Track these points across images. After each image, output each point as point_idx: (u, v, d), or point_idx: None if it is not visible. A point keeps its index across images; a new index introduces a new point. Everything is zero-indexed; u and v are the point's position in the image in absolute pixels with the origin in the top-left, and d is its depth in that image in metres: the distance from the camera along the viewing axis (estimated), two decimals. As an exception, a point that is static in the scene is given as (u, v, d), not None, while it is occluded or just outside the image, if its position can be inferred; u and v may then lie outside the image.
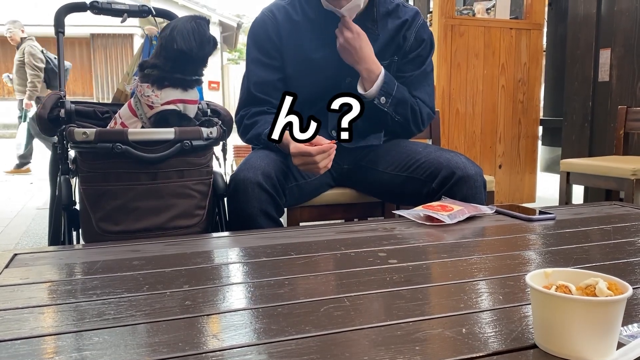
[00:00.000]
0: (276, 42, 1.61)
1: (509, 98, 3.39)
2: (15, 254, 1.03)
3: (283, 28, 1.60)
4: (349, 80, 1.60)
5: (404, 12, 1.64)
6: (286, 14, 1.61)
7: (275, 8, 1.64)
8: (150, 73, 1.41)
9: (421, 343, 0.63)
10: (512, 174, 3.47)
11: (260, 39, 1.63)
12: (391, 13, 1.63)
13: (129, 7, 1.66)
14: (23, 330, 0.67)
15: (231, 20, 16.38)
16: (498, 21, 3.36)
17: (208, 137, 1.41)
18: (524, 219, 1.29)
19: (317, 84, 1.59)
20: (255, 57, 1.63)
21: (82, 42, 14.74)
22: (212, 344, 0.63)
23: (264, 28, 1.63)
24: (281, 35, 1.60)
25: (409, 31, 1.63)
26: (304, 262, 0.97)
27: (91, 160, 1.34)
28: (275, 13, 1.62)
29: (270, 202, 1.42)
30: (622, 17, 3.17)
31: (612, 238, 1.13)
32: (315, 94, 1.59)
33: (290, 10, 1.62)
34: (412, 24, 1.63)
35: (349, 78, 1.60)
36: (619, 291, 0.59)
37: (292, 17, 1.61)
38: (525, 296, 0.77)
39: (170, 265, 0.95)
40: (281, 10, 1.62)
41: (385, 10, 1.63)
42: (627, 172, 2.31)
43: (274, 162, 1.47)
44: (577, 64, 3.49)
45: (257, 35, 1.64)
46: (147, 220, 1.35)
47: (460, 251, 1.03)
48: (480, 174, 1.50)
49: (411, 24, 1.63)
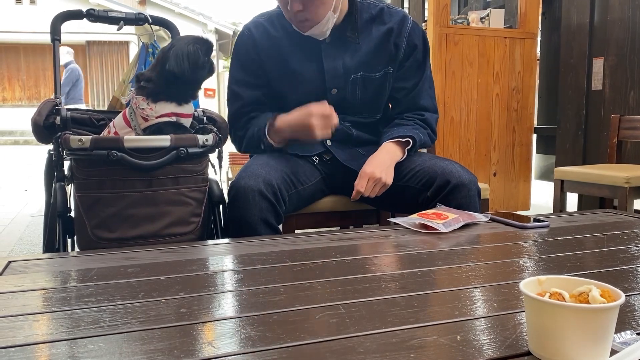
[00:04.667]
0: (257, 60, 1.60)
1: (503, 106, 3.41)
2: (10, 261, 1.03)
3: (261, 46, 1.59)
4: (335, 92, 1.60)
5: (389, 17, 1.60)
6: (264, 31, 1.60)
7: (253, 26, 1.62)
8: (146, 86, 1.42)
9: (416, 350, 0.63)
10: (507, 182, 3.48)
11: (242, 58, 1.63)
12: (375, 19, 1.60)
13: (126, 15, 1.67)
14: (17, 337, 0.67)
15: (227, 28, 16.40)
16: (492, 30, 3.38)
17: (204, 144, 1.41)
18: (518, 227, 1.29)
19: (303, 97, 1.56)
20: (239, 78, 1.63)
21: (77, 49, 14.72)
22: (207, 351, 0.63)
23: (244, 47, 1.62)
24: (261, 52, 1.59)
25: (399, 38, 1.60)
26: (299, 270, 0.97)
27: (86, 168, 1.34)
28: (252, 31, 1.61)
29: (271, 211, 1.42)
30: (614, 26, 3.20)
31: (606, 245, 1.13)
32: None
33: (268, 27, 1.60)
34: (401, 31, 1.60)
35: (334, 89, 1.60)
36: (611, 298, 0.59)
37: (271, 33, 1.59)
38: (519, 303, 0.78)
39: (165, 272, 0.95)
40: (259, 27, 1.61)
41: (368, 16, 1.59)
42: (620, 180, 2.32)
43: (274, 170, 1.47)
44: (570, 72, 3.51)
45: (239, 54, 1.63)
46: (142, 228, 1.35)
47: (454, 258, 1.03)
48: (475, 182, 1.51)
49: (400, 30, 1.60)
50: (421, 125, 1.65)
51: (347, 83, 1.60)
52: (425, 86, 1.68)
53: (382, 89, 1.65)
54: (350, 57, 1.58)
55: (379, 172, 1.50)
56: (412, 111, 1.67)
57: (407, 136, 1.58)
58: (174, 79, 1.40)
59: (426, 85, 1.68)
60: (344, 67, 1.58)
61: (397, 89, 1.66)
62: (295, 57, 1.58)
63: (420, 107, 1.67)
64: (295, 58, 1.58)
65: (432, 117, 1.68)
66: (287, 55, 1.58)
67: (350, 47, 1.58)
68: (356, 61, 1.58)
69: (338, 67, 1.58)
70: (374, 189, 1.51)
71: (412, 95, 1.66)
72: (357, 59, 1.58)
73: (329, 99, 1.58)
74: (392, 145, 1.57)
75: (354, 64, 1.58)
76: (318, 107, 1.49)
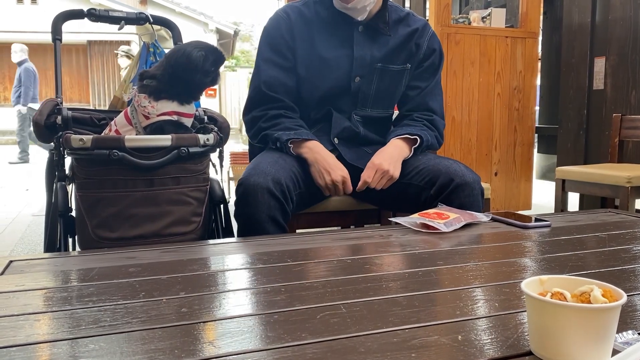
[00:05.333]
0: (289, 42, 1.63)
1: (504, 106, 3.41)
2: (11, 260, 1.03)
3: (296, 28, 1.63)
4: (357, 80, 1.64)
5: (414, 21, 1.69)
6: (300, 14, 1.65)
7: (290, 8, 1.67)
8: (149, 84, 1.42)
9: (417, 350, 0.63)
10: (508, 182, 3.48)
11: (274, 39, 1.65)
12: (402, 20, 1.68)
13: (127, 15, 1.67)
14: (18, 337, 0.67)
15: (228, 27, 16.41)
16: (494, 29, 3.38)
17: (205, 144, 1.41)
18: (520, 227, 1.29)
19: (327, 83, 1.62)
20: (268, 57, 1.65)
21: (78, 49, 14.74)
22: (208, 351, 0.63)
23: (277, 28, 1.65)
24: (294, 35, 1.63)
25: (421, 39, 1.68)
26: (301, 269, 0.97)
27: (87, 167, 1.34)
28: (289, 13, 1.65)
29: (279, 209, 1.42)
30: (616, 25, 3.19)
31: (607, 245, 1.13)
32: (324, 95, 1.63)
33: (304, 11, 1.65)
34: (423, 33, 1.68)
35: (357, 77, 1.64)
36: (613, 298, 0.59)
37: (306, 16, 1.64)
38: (521, 303, 0.78)
39: (166, 272, 0.95)
40: (295, 10, 1.66)
41: (396, 17, 1.68)
42: (622, 180, 2.32)
43: (283, 169, 1.47)
44: (572, 72, 3.51)
45: (271, 35, 1.66)
46: (143, 227, 1.35)
47: (456, 258, 1.03)
48: (478, 182, 1.51)
49: (422, 32, 1.68)
50: (429, 127, 1.68)
51: (369, 73, 1.64)
52: (435, 90, 1.74)
53: (398, 83, 1.69)
54: (378, 48, 1.64)
55: (387, 165, 1.52)
56: (421, 111, 1.71)
57: (416, 134, 1.60)
58: (184, 82, 1.41)
59: (436, 90, 1.74)
60: (371, 56, 1.63)
61: (412, 87, 1.71)
62: (326, 43, 1.63)
63: (429, 108, 1.71)
64: (326, 44, 1.63)
65: (440, 122, 1.72)
66: (318, 41, 1.63)
67: (380, 40, 1.64)
68: (382, 53, 1.64)
69: (366, 56, 1.63)
70: (380, 180, 1.53)
71: (423, 94, 1.71)
72: (383, 51, 1.64)
73: (352, 87, 1.63)
74: (400, 142, 1.60)
75: (380, 55, 1.64)
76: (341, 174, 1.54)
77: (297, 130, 1.57)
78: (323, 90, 1.62)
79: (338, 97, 1.64)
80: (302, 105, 1.66)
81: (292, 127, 1.58)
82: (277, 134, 1.56)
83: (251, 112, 1.65)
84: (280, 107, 1.62)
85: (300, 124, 1.61)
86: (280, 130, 1.57)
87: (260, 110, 1.62)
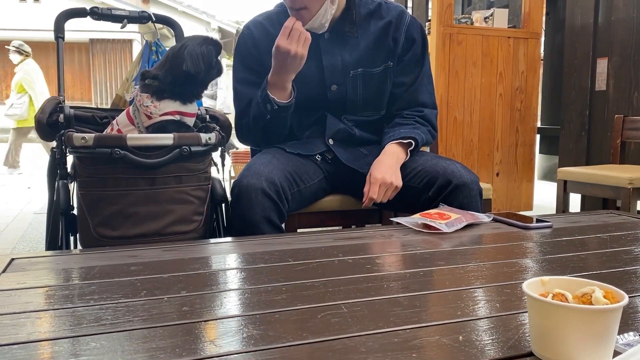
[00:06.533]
0: (258, 58, 1.61)
1: (506, 106, 3.41)
2: (13, 258, 1.03)
3: (261, 44, 1.60)
4: (334, 88, 1.60)
5: (387, 12, 1.62)
6: (262, 30, 1.62)
7: (252, 24, 1.65)
8: (151, 84, 1.42)
9: (418, 350, 0.63)
10: (510, 182, 3.48)
11: (243, 56, 1.64)
12: (373, 14, 1.61)
13: (129, 13, 1.67)
14: (20, 335, 0.67)
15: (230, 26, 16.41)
16: (496, 30, 3.37)
17: (207, 143, 1.41)
18: (521, 227, 1.29)
19: (302, 94, 1.57)
20: (242, 77, 1.63)
21: (81, 47, 14.76)
22: (209, 349, 0.63)
23: (244, 45, 1.63)
24: (260, 50, 1.60)
25: (397, 32, 1.61)
26: (302, 269, 0.97)
27: (90, 165, 1.34)
28: (252, 30, 1.63)
29: (274, 209, 1.42)
30: (619, 26, 3.19)
31: (609, 246, 1.13)
32: (304, 104, 1.59)
33: (266, 25, 1.62)
34: (399, 24, 1.61)
35: (334, 85, 1.60)
36: (615, 300, 0.59)
37: (270, 31, 1.60)
38: (522, 304, 0.78)
39: (167, 270, 0.95)
40: (258, 26, 1.63)
41: (366, 11, 1.61)
42: (623, 181, 2.32)
43: (277, 169, 1.47)
44: (574, 73, 3.50)
45: (240, 52, 1.65)
46: (144, 226, 1.35)
47: (457, 258, 1.03)
48: (476, 182, 1.51)
49: (398, 24, 1.61)
50: (421, 123, 1.65)
51: (346, 79, 1.60)
52: (424, 81, 1.68)
53: (383, 84, 1.65)
54: (349, 53, 1.59)
55: (389, 177, 1.49)
56: (411, 107, 1.67)
57: (409, 137, 1.57)
58: (187, 79, 1.41)
59: (425, 81, 1.68)
60: (342, 62, 1.59)
61: (397, 84, 1.66)
62: None
63: (419, 102, 1.67)
64: None
65: (432, 113, 1.68)
66: None
67: (349, 43, 1.59)
68: (355, 57, 1.59)
69: (337, 63, 1.59)
70: (386, 193, 1.51)
71: (411, 91, 1.66)
72: (356, 55, 1.59)
73: (329, 96, 1.59)
74: (395, 147, 1.57)
75: (353, 59, 1.59)
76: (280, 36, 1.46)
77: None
78: (300, 100, 1.56)
79: (320, 105, 1.61)
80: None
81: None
82: (254, 102, 1.54)
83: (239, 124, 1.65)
84: None
85: None
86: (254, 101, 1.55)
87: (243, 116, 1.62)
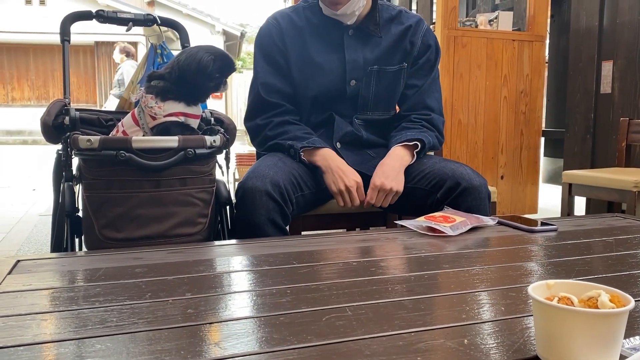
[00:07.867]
0: (281, 49, 1.64)
1: (511, 109, 3.40)
2: (18, 260, 1.03)
3: (287, 34, 1.64)
4: (353, 83, 1.63)
5: (407, 18, 1.68)
6: (290, 21, 1.65)
7: (279, 15, 1.68)
8: (157, 85, 1.43)
9: (423, 354, 0.63)
10: (514, 185, 3.47)
11: (266, 46, 1.66)
12: (394, 19, 1.67)
13: (134, 16, 1.68)
14: (25, 337, 0.67)
15: (235, 29, 16.46)
16: (501, 33, 3.37)
17: (211, 145, 1.41)
18: (526, 230, 1.29)
19: (322, 87, 1.62)
20: (263, 64, 1.66)
21: (86, 50, 14.81)
22: (214, 352, 0.63)
23: (269, 35, 1.66)
24: (286, 42, 1.63)
25: (415, 36, 1.66)
26: (306, 271, 0.97)
27: (95, 168, 1.35)
28: (279, 20, 1.66)
29: (278, 211, 1.42)
30: (624, 29, 3.18)
31: (614, 250, 1.12)
32: (321, 99, 1.63)
33: (293, 17, 1.66)
34: (417, 30, 1.67)
35: (353, 80, 1.63)
36: (621, 303, 0.59)
37: (296, 23, 1.64)
38: (527, 308, 0.77)
39: (172, 273, 0.95)
40: (285, 17, 1.66)
41: (388, 16, 1.66)
42: (629, 184, 2.31)
43: (282, 171, 1.47)
44: (579, 76, 3.49)
45: (263, 42, 1.67)
46: (149, 228, 1.35)
47: (462, 262, 1.03)
48: (485, 185, 1.51)
49: (416, 29, 1.67)
50: (428, 127, 1.66)
51: (364, 75, 1.63)
52: (433, 87, 1.72)
53: (396, 83, 1.68)
54: (370, 50, 1.63)
55: (389, 183, 1.51)
56: (418, 110, 1.69)
57: (416, 139, 1.59)
58: (193, 86, 1.41)
59: (434, 87, 1.72)
60: (364, 59, 1.63)
61: (409, 86, 1.70)
62: (318, 47, 1.63)
63: (426, 106, 1.69)
64: (318, 49, 1.63)
65: (439, 120, 1.70)
66: (310, 46, 1.63)
67: (371, 41, 1.64)
68: (375, 55, 1.63)
69: (359, 59, 1.62)
70: (385, 198, 1.52)
71: (420, 93, 1.69)
72: (376, 53, 1.63)
73: (348, 91, 1.63)
74: (401, 149, 1.58)
75: (373, 57, 1.63)
76: (354, 180, 1.52)
77: (308, 138, 1.57)
78: (319, 94, 1.62)
79: (336, 101, 1.64)
80: (301, 109, 1.66)
81: (302, 135, 1.59)
82: (288, 143, 1.57)
83: (254, 120, 1.66)
84: (282, 112, 1.63)
85: (308, 131, 1.62)
86: (290, 139, 1.57)
87: (264, 118, 1.63)
